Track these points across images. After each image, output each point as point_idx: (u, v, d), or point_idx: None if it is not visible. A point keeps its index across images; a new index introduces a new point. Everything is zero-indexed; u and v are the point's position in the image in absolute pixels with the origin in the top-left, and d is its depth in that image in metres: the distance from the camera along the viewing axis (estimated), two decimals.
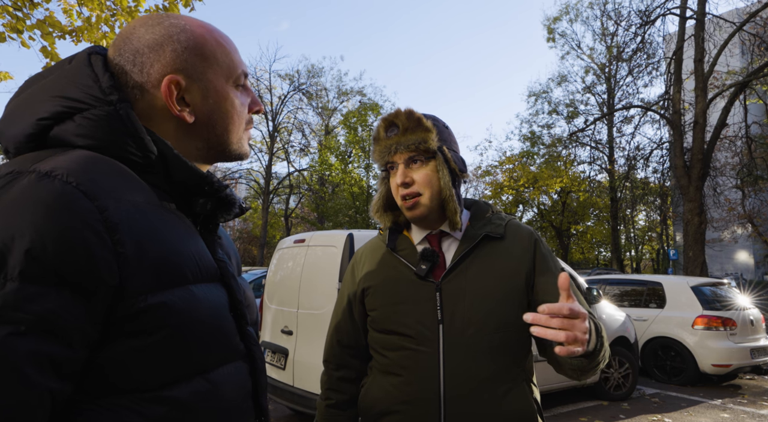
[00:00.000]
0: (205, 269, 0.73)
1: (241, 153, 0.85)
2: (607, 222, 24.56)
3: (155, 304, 0.63)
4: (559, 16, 24.38)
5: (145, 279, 0.63)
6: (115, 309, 0.61)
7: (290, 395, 4.18)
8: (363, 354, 1.37)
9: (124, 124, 0.69)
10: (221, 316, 0.74)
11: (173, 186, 0.75)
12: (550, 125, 25.66)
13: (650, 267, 32.43)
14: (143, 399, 0.63)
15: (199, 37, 0.78)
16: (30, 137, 0.69)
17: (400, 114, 1.25)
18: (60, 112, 0.69)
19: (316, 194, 26.43)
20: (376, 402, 1.25)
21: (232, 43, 0.84)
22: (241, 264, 0.99)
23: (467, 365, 1.17)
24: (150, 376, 0.63)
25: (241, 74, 0.82)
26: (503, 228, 1.30)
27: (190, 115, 0.77)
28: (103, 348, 0.60)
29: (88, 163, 0.64)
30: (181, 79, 0.75)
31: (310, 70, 26.76)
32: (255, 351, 0.81)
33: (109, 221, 0.60)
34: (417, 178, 1.23)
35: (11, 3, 4.08)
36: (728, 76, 15.46)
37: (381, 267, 1.32)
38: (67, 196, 0.58)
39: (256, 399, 0.81)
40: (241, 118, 0.83)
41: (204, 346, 0.69)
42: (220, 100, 0.79)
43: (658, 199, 23.37)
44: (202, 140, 0.80)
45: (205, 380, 0.69)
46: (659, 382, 7.01)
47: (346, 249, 4.03)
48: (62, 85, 0.70)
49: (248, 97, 0.85)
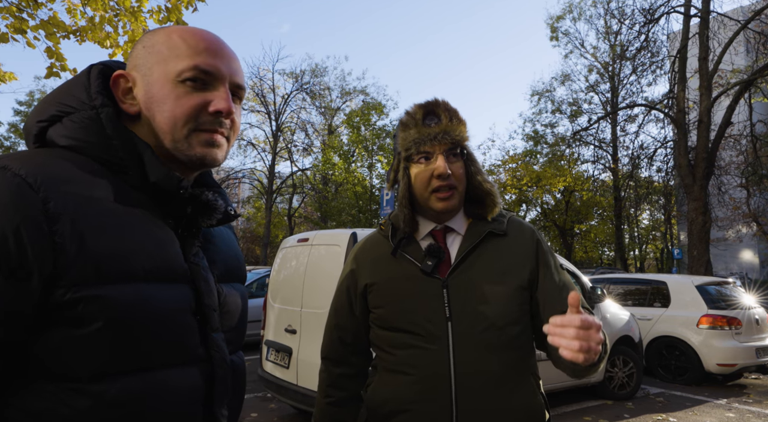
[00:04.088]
0: (166, 269, 0.73)
1: (190, 155, 0.77)
2: (610, 221, 24.48)
3: (91, 296, 0.64)
4: (562, 14, 24.33)
5: (83, 271, 0.64)
6: (49, 297, 0.63)
7: (294, 394, 4.19)
8: (363, 350, 1.36)
9: (102, 126, 0.74)
10: (176, 318, 0.73)
11: (151, 187, 0.76)
12: (553, 124, 25.63)
13: (654, 266, 32.32)
14: (69, 388, 0.64)
15: (156, 37, 0.81)
16: (35, 138, 0.76)
17: (440, 104, 1.25)
18: (54, 115, 0.76)
19: (319, 193, 26.43)
20: (386, 402, 1.23)
21: (202, 40, 0.79)
22: (244, 267, 0.98)
23: (477, 361, 1.17)
24: (81, 366, 0.64)
25: (188, 69, 0.76)
26: (505, 225, 1.30)
27: (132, 106, 0.79)
28: (41, 333, 0.63)
29: (46, 158, 0.68)
30: (128, 74, 0.79)
31: (313, 70, 26.79)
32: (216, 358, 0.79)
33: (51, 212, 0.63)
34: (454, 172, 1.23)
35: (16, 3, 4.09)
36: (733, 75, 15.36)
37: (384, 264, 1.30)
38: (12, 186, 0.62)
39: (210, 407, 0.78)
40: (179, 116, 0.76)
41: (145, 344, 0.69)
42: (156, 95, 0.77)
43: (662, 198, 23.28)
44: (153, 137, 0.79)
45: (141, 379, 0.68)
46: (664, 382, 6.99)
47: (350, 248, 4.03)
48: (63, 92, 0.78)
49: (202, 95, 0.77)
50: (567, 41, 24.76)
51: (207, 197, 0.81)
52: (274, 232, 29.28)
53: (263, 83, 25.89)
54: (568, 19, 24.57)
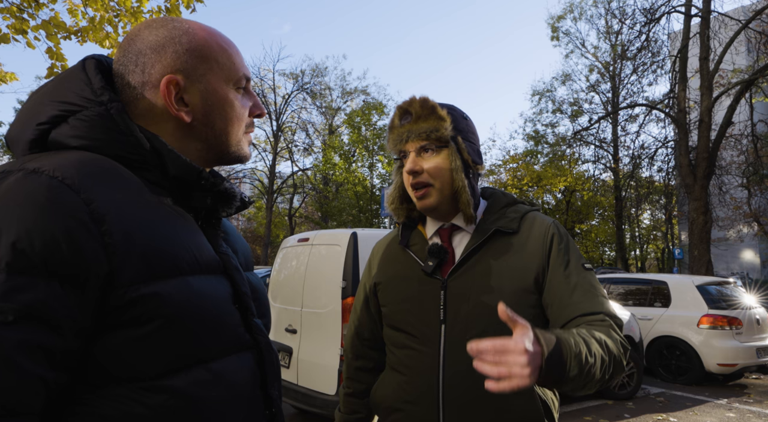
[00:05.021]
0: (204, 261, 0.74)
1: (240, 155, 0.85)
2: (611, 221, 24.45)
3: (148, 294, 0.64)
4: (563, 14, 24.29)
5: (136, 269, 0.64)
6: (107, 299, 0.62)
7: (294, 393, 4.19)
8: (381, 346, 1.37)
9: (115, 122, 0.71)
10: (222, 307, 0.75)
11: (170, 181, 0.76)
12: (554, 124, 25.58)
13: (655, 266, 32.29)
14: (143, 387, 0.64)
15: (200, 40, 0.80)
16: (32, 143, 0.71)
17: (414, 101, 1.21)
18: (56, 116, 0.71)
19: (319, 193, 26.44)
20: (384, 399, 1.26)
21: (235, 47, 0.85)
22: (252, 259, 1.00)
23: (468, 369, 1.11)
24: (147, 366, 0.64)
25: (243, 77, 0.83)
26: (518, 222, 1.23)
27: (187, 114, 0.78)
28: (99, 338, 0.62)
29: (75, 160, 0.66)
30: (180, 79, 0.77)
31: (314, 70, 26.81)
32: (262, 342, 0.81)
33: (96, 212, 0.62)
34: (427, 167, 1.19)
35: (17, 3, 4.10)
36: (734, 74, 15.35)
37: (392, 262, 1.31)
38: (53, 189, 0.60)
39: (265, 389, 0.81)
40: (240, 120, 0.83)
41: (203, 337, 0.70)
42: (219, 102, 0.80)
43: (663, 197, 23.26)
44: (201, 141, 0.81)
45: (205, 370, 0.70)
46: (664, 381, 6.99)
47: (350, 248, 4.03)
48: (59, 90, 0.74)
49: (250, 100, 0.86)
50: (568, 41, 24.75)
51: (225, 186, 0.81)
52: (275, 232, 29.28)
53: (264, 83, 25.91)
54: (569, 18, 24.53)
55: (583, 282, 1.15)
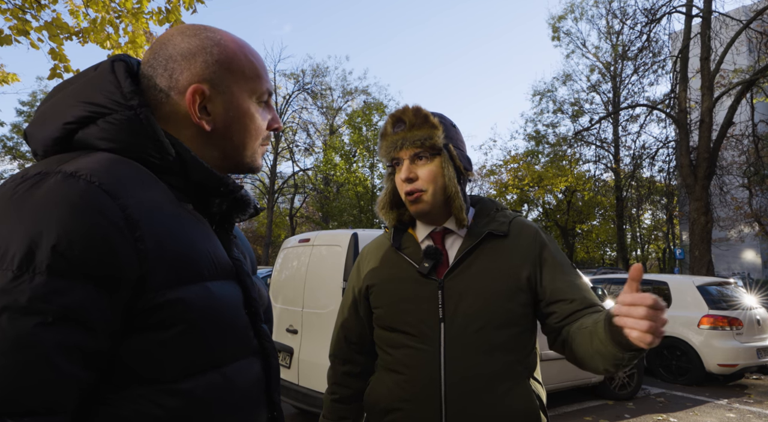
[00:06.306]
0: (220, 267, 0.76)
1: (254, 166, 0.88)
2: (612, 221, 24.45)
3: (173, 299, 0.66)
4: (564, 14, 24.30)
5: (164, 274, 0.65)
6: (135, 303, 0.64)
7: (295, 393, 4.21)
8: (368, 350, 1.39)
9: (144, 127, 0.73)
10: (236, 313, 0.77)
11: (191, 187, 0.78)
12: (555, 124, 25.58)
13: (656, 266, 32.25)
14: (161, 390, 0.65)
15: (230, 52, 0.81)
16: (57, 140, 0.72)
17: (408, 110, 1.26)
18: (84, 117, 0.72)
19: (320, 194, 26.47)
20: (380, 399, 1.27)
21: (262, 60, 0.87)
22: (257, 264, 1.02)
23: (468, 363, 1.18)
24: (168, 369, 0.66)
25: (266, 92, 0.86)
26: (507, 226, 1.29)
27: (209, 123, 0.80)
28: (125, 340, 0.64)
29: (110, 164, 0.67)
30: (206, 89, 0.78)
31: (315, 70, 26.86)
32: (268, 348, 0.83)
33: (131, 218, 0.63)
34: (421, 174, 1.24)
35: (20, 4, 4.11)
36: (735, 75, 15.34)
37: (385, 265, 1.34)
38: (91, 194, 0.61)
39: (269, 393, 0.83)
40: (258, 133, 0.86)
41: (219, 341, 0.72)
42: (240, 114, 0.82)
43: (664, 198, 23.26)
44: (219, 150, 0.82)
45: (219, 374, 0.72)
46: (665, 382, 6.99)
47: (351, 248, 4.04)
48: (87, 91, 0.74)
49: (269, 113, 0.88)
50: (569, 41, 24.77)
51: (242, 193, 0.83)
52: (276, 232, 29.32)
53: None
54: (569, 19, 24.56)
55: (579, 280, 1.26)
